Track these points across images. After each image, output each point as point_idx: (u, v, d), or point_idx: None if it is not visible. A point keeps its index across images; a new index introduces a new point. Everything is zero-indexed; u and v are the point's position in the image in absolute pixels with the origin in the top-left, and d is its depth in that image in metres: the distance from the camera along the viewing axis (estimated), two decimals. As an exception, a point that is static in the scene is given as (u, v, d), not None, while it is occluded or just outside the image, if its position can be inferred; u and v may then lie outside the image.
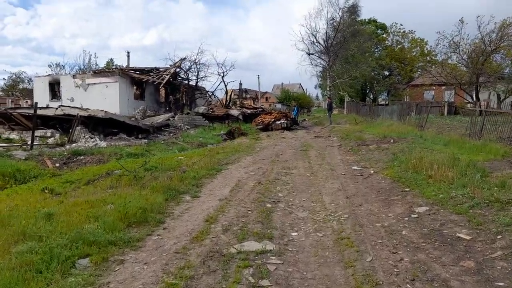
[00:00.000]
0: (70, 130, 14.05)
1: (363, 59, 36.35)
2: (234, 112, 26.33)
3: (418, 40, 44.24)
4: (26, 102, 31.45)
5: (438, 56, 34.39)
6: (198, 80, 30.29)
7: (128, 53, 43.18)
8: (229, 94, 32.12)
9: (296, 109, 27.82)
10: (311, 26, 40.12)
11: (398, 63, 43.26)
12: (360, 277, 3.36)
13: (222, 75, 30.47)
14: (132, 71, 27.38)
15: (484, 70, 26.91)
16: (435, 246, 4.07)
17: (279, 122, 22.34)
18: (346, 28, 35.70)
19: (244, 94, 56.98)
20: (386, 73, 46.44)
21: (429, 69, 36.72)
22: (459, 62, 29.49)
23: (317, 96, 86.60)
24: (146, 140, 15.30)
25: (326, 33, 35.88)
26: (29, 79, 46.70)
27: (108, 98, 24.07)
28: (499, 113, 12.52)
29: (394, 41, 46.12)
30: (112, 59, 45.24)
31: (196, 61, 29.16)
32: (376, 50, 45.40)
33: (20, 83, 50.74)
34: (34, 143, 12.67)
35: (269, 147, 14.16)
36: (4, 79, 53.55)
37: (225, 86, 31.23)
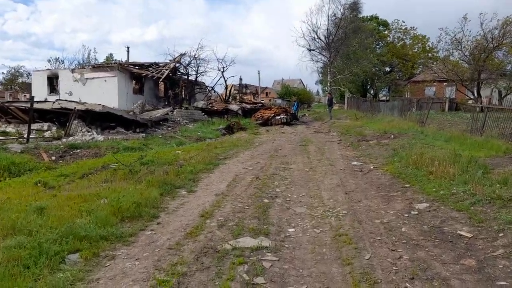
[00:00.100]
0: (67, 123, 13.92)
1: (364, 55, 36.12)
2: (234, 107, 26.16)
3: (419, 36, 43.98)
4: (25, 96, 31.25)
5: (440, 52, 34.21)
6: (198, 75, 30.14)
7: (128, 48, 43.02)
8: (229, 89, 31.94)
9: (296, 104, 27.61)
10: (312, 23, 39.93)
11: (399, 60, 43.02)
12: (357, 275, 3.25)
13: (222, 70, 30.30)
14: (131, 66, 27.17)
15: (486, 67, 26.76)
16: (435, 243, 3.96)
17: (279, 117, 22.17)
18: (348, 24, 35.43)
19: (244, 89, 56.81)
20: (387, 69, 46.22)
21: (430, 66, 36.54)
22: (461, 58, 29.33)
23: (317, 91, 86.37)
24: (144, 134, 15.18)
25: (327, 29, 35.63)
26: (28, 73, 46.52)
27: (106, 93, 23.90)
28: (500, 110, 12.38)
29: (396, 37, 45.86)
30: (111, 54, 45.09)
31: (196, 56, 28.98)
32: (378, 46, 45.14)
33: (19, 77, 50.52)
34: (30, 137, 12.55)
35: (268, 142, 14.03)
36: (3, 73, 53.29)
37: (225, 81, 31.07)
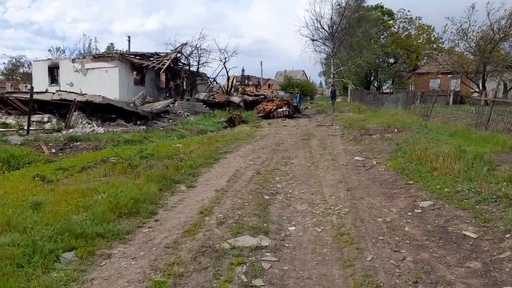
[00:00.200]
0: (67, 115, 13.82)
1: (368, 46, 35.64)
2: (235, 99, 25.93)
3: (425, 26, 43.29)
4: (26, 86, 31.09)
5: (445, 43, 33.74)
6: (199, 66, 29.86)
7: (129, 38, 42.74)
8: (231, 81, 31.61)
9: (298, 96, 27.30)
10: (316, 11, 39.37)
11: (404, 51, 42.44)
12: (359, 278, 3.15)
13: (223, 61, 29.98)
14: (132, 56, 26.92)
15: (491, 59, 26.33)
16: (440, 244, 3.86)
17: (281, 109, 21.96)
18: (352, 13, 34.86)
19: (246, 81, 56.40)
20: (391, 60, 45.66)
21: (435, 57, 36.05)
22: (467, 50, 28.87)
23: (320, 83, 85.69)
24: (145, 127, 15.06)
25: (331, 18, 35.02)
26: (29, 63, 46.23)
27: (107, 83, 23.74)
28: (505, 103, 12.14)
29: (401, 27, 45.20)
30: (112, 43, 44.79)
31: (198, 46, 28.67)
32: (382, 36, 44.51)
33: (20, 67, 50.30)
34: (30, 128, 12.45)
35: (270, 135, 13.90)
36: (4, 63, 53.04)
37: (227, 72, 30.77)
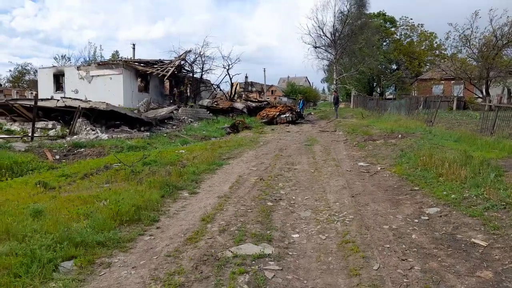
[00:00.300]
0: (72, 122, 13.84)
1: (370, 53, 35.67)
2: (239, 105, 25.94)
3: (427, 33, 43.29)
4: (31, 93, 31.39)
5: (448, 50, 33.66)
6: (203, 73, 29.96)
7: (134, 45, 42.73)
8: (234, 87, 31.67)
9: (301, 102, 27.31)
10: (318, 19, 39.48)
11: (406, 57, 42.42)
12: (366, 288, 3.05)
13: (227, 68, 30.08)
14: (136, 63, 27.07)
15: (495, 65, 26.23)
16: (448, 252, 3.74)
17: (284, 115, 21.95)
18: (354, 21, 34.98)
19: (249, 87, 56.57)
20: (393, 67, 45.64)
21: (438, 63, 36.00)
22: (470, 56, 28.80)
23: (323, 89, 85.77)
24: (149, 133, 15.06)
25: (333, 26, 35.23)
26: (35, 70, 46.73)
27: (112, 90, 23.89)
28: (510, 109, 12.03)
29: (403, 34, 45.24)
30: (117, 51, 45.14)
31: (201, 53, 28.80)
32: (384, 43, 44.58)
33: (26, 75, 50.83)
34: (35, 135, 12.48)
35: (273, 141, 13.83)
36: (10, 70, 53.68)
37: (230, 79, 30.84)
